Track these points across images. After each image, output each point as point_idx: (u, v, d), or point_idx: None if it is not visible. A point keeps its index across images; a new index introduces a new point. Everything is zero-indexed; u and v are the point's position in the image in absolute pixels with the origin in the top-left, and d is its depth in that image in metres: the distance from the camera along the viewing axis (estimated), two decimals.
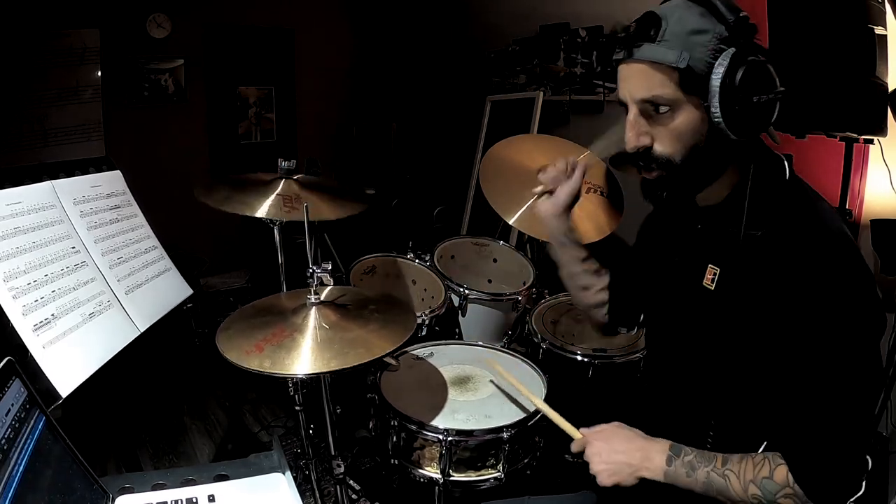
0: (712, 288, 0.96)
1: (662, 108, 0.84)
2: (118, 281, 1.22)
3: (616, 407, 1.65)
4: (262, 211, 1.46)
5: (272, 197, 1.50)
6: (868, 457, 0.85)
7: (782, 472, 0.83)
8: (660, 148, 0.87)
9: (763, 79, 0.80)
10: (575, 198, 1.15)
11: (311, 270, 1.22)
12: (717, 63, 0.79)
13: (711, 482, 0.88)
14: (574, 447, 1.06)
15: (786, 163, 0.90)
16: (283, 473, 0.98)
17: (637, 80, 0.85)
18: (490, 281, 2.29)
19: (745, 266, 0.90)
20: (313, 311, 1.17)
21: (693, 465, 0.90)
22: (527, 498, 1.20)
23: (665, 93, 0.83)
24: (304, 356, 1.06)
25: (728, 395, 0.93)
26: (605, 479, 0.96)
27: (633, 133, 0.87)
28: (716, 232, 0.96)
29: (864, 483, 0.83)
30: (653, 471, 0.93)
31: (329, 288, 1.27)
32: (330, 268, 1.23)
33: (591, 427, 1.04)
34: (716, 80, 0.79)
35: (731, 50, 0.79)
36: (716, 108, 0.80)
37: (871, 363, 0.83)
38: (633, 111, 0.87)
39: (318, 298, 1.19)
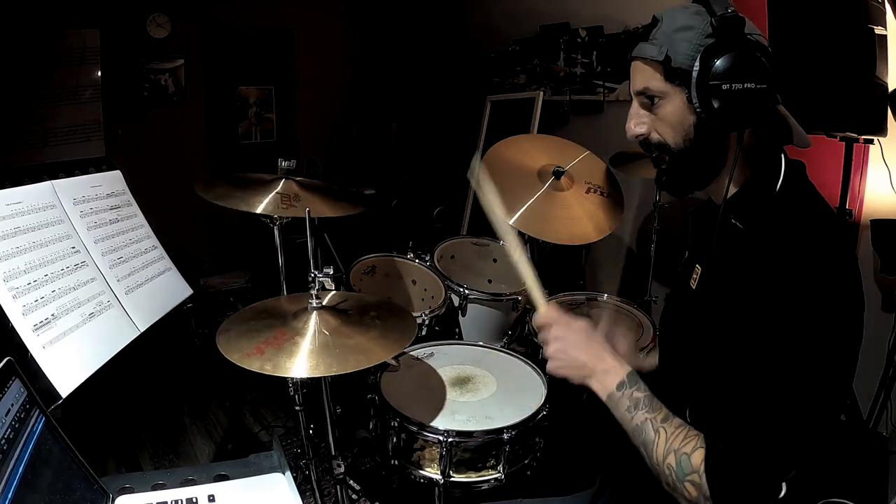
0: (695, 288, 0.98)
1: (656, 99, 0.91)
2: (118, 281, 1.22)
3: None
4: (260, 207, 1.46)
5: (271, 194, 1.50)
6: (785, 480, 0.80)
7: (699, 457, 0.80)
8: (657, 135, 0.93)
9: (740, 70, 0.82)
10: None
11: (312, 275, 1.21)
12: (698, 56, 0.84)
13: (643, 430, 0.87)
14: (536, 320, 1.05)
15: (783, 169, 0.89)
16: (283, 473, 0.98)
17: (634, 75, 0.94)
18: (490, 281, 2.29)
19: (720, 265, 0.91)
20: (314, 316, 1.16)
21: (638, 403, 0.90)
22: (519, 500, 1.20)
23: (654, 85, 0.90)
24: (305, 361, 1.06)
25: (700, 393, 0.92)
26: (554, 368, 0.98)
27: (632, 122, 0.96)
28: (708, 232, 0.96)
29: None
30: (602, 386, 0.94)
31: (331, 293, 1.26)
32: (332, 273, 1.23)
33: (562, 314, 1.02)
34: (694, 72, 0.84)
35: (710, 42, 0.84)
36: (695, 98, 0.85)
37: (824, 374, 0.77)
38: (634, 103, 0.96)
39: (320, 303, 1.19)
